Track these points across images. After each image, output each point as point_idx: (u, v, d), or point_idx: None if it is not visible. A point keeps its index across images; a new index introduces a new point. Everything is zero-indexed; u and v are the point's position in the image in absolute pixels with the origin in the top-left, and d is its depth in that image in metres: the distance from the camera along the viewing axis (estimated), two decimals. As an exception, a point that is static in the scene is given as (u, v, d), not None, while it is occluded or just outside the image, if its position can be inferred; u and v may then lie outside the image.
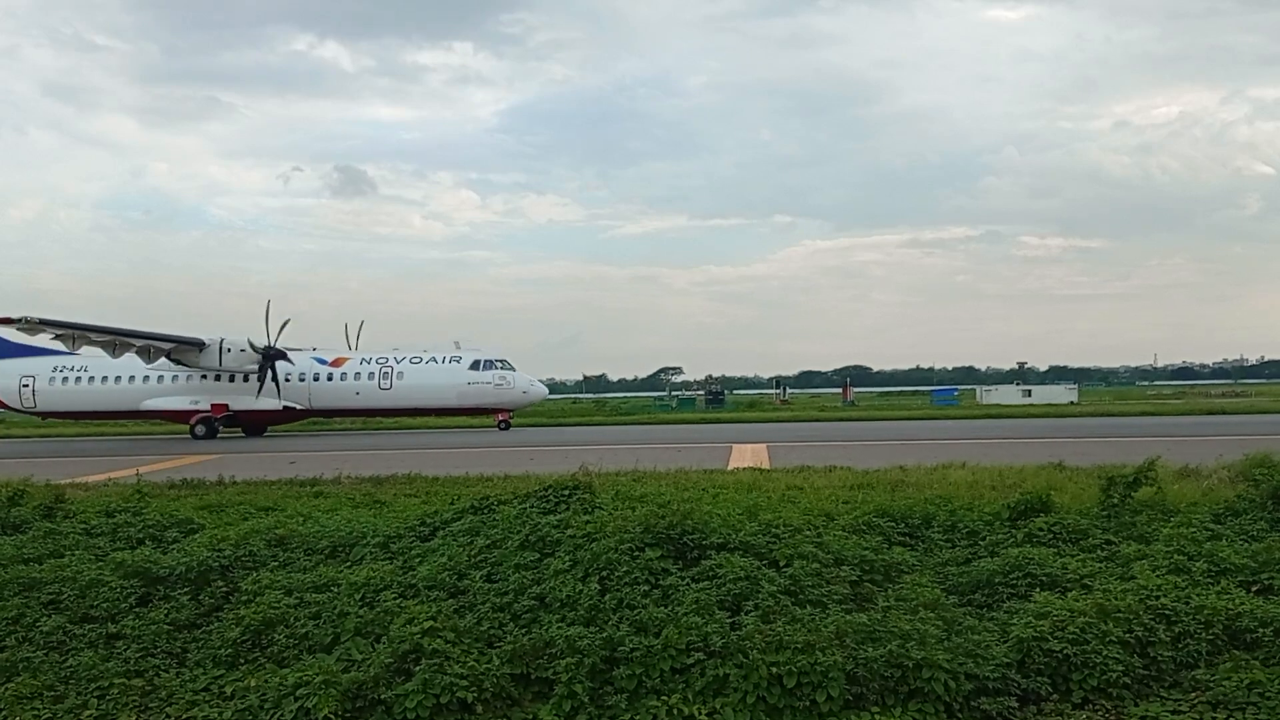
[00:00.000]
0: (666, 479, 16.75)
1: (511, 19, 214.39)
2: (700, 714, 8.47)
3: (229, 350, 40.25)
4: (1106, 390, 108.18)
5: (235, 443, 36.82)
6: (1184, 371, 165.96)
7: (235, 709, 8.84)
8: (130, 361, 42.58)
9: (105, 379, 43.18)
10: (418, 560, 11.20)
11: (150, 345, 40.62)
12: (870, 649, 8.64)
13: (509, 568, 10.51)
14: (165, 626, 10.15)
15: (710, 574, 10.02)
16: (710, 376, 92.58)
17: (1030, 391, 71.34)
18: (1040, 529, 11.66)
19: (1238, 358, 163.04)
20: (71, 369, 43.64)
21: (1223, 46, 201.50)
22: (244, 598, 10.53)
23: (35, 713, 9.12)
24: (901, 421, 42.37)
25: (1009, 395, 70.21)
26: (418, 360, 42.67)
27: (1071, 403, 62.94)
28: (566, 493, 12.49)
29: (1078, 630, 8.83)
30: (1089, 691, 8.57)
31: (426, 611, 9.43)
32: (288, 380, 41.77)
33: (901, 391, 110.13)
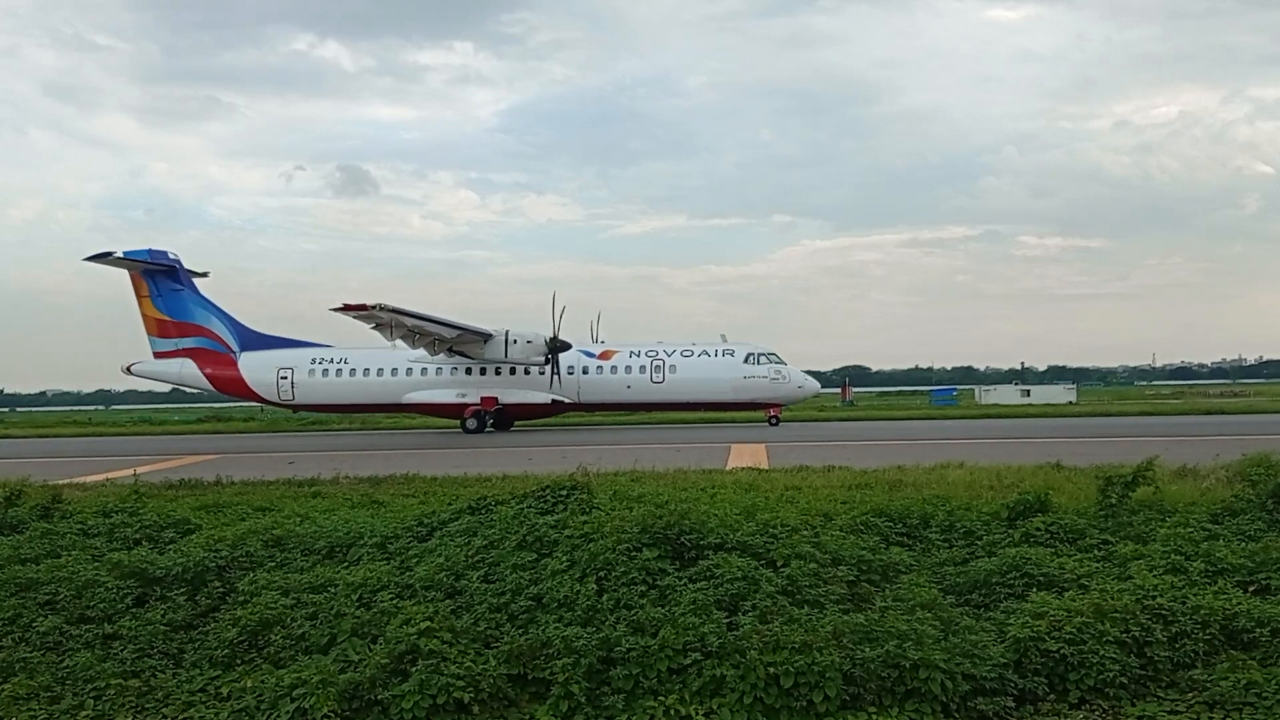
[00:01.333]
0: (664, 479, 16.73)
1: (512, 19, 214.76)
2: (697, 714, 8.47)
3: (515, 342, 38.97)
4: (1105, 390, 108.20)
5: (232, 441, 36.76)
6: (1182, 371, 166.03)
7: (232, 710, 8.84)
8: (391, 354, 41.86)
9: (367, 371, 42.11)
10: (415, 561, 11.19)
11: (440, 336, 39.31)
12: (867, 649, 8.64)
13: (506, 568, 10.51)
14: (162, 627, 10.15)
15: (708, 574, 10.01)
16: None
17: (1029, 391, 71.36)
18: (1038, 529, 11.66)
19: (1236, 358, 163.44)
20: (331, 361, 42.48)
21: (1223, 46, 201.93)
22: (241, 598, 10.52)
23: (32, 713, 9.12)
24: (900, 421, 42.37)
25: (1008, 395, 70.25)
26: (689, 353, 41.52)
27: (1070, 403, 62.94)
28: (564, 493, 12.48)
29: (1075, 630, 8.84)
30: (1086, 691, 8.57)
31: (423, 612, 9.43)
32: (540, 373, 40.59)
33: (900, 391, 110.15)
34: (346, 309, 36.01)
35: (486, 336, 39.22)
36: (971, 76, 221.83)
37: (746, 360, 40.82)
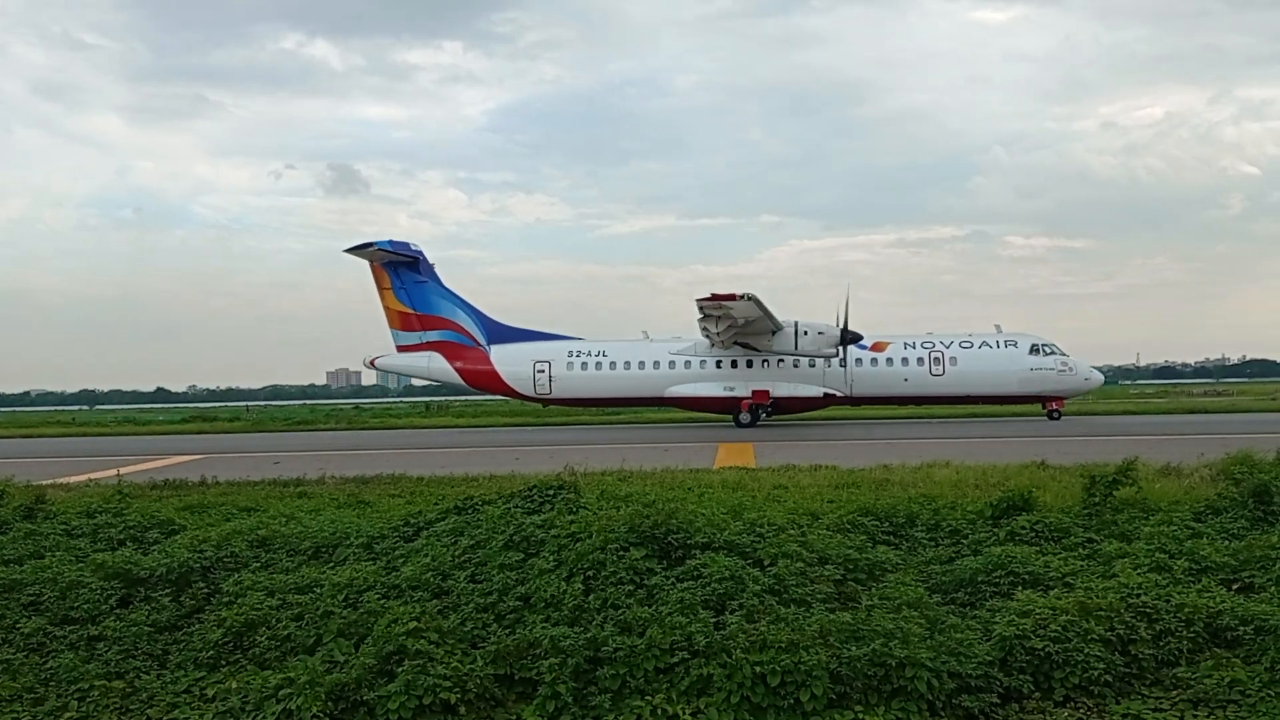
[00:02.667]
0: (652, 478, 16.73)
1: (503, 18, 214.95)
2: (684, 714, 8.47)
3: (805, 333, 37.58)
4: (1093, 390, 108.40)
5: (217, 441, 36.57)
6: (1166, 371, 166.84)
7: (217, 711, 8.80)
8: (650, 346, 41.24)
9: (628, 365, 41.17)
10: (401, 561, 11.16)
11: (761, 330, 38.06)
12: (854, 648, 8.66)
13: (493, 568, 10.49)
14: (146, 628, 10.09)
15: (695, 573, 10.01)
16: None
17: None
18: (1023, 528, 11.71)
19: (1219, 357, 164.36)
20: (589, 354, 41.61)
21: (1212, 46, 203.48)
22: (226, 599, 10.47)
23: (14, 715, 9.06)
24: (886, 421, 42.43)
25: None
26: (968, 344, 40.28)
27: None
28: (551, 492, 12.47)
29: (1060, 628, 8.87)
30: (1071, 689, 8.61)
31: (410, 612, 9.40)
32: (829, 366, 39.32)
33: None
34: (714, 299, 34.83)
35: (776, 328, 37.93)
36: (961, 77, 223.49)
37: (1032, 351, 39.59)
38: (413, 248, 42.68)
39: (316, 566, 11.34)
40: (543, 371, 41.39)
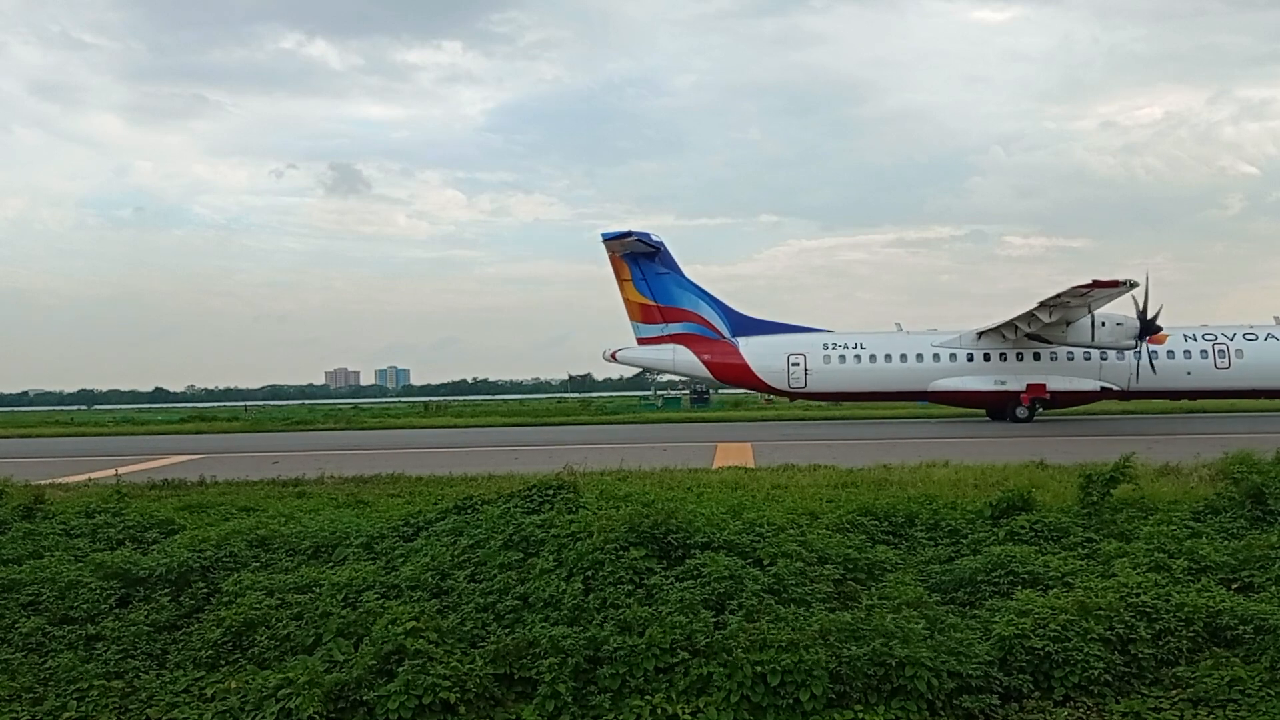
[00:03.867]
0: (651, 478, 16.73)
1: (502, 18, 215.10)
2: (684, 713, 8.47)
3: (1103, 324, 35.76)
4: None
5: (216, 441, 36.54)
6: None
7: (216, 711, 8.78)
8: (909, 338, 40.11)
9: (889, 357, 39.93)
10: (401, 560, 11.15)
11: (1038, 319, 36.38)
12: (854, 647, 8.65)
13: (493, 567, 10.48)
14: (145, 628, 10.08)
15: (694, 573, 10.01)
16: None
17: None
18: (1022, 527, 11.71)
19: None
20: (846, 346, 40.27)
21: (1211, 47, 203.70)
22: (225, 599, 10.45)
23: (14, 714, 9.04)
24: (886, 421, 42.44)
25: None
26: (1252, 337, 38.74)
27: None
28: (551, 492, 12.45)
29: (1059, 628, 8.88)
30: (1070, 689, 8.61)
31: (409, 612, 9.39)
32: (1104, 359, 37.67)
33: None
34: (1097, 285, 33.09)
35: (1069, 320, 36.14)
36: (959, 77, 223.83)
37: None
38: (654, 238, 41.58)
39: (316, 566, 11.32)
40: (797, 364, 40.17)
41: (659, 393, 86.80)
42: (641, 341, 42.31)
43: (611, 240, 41.04)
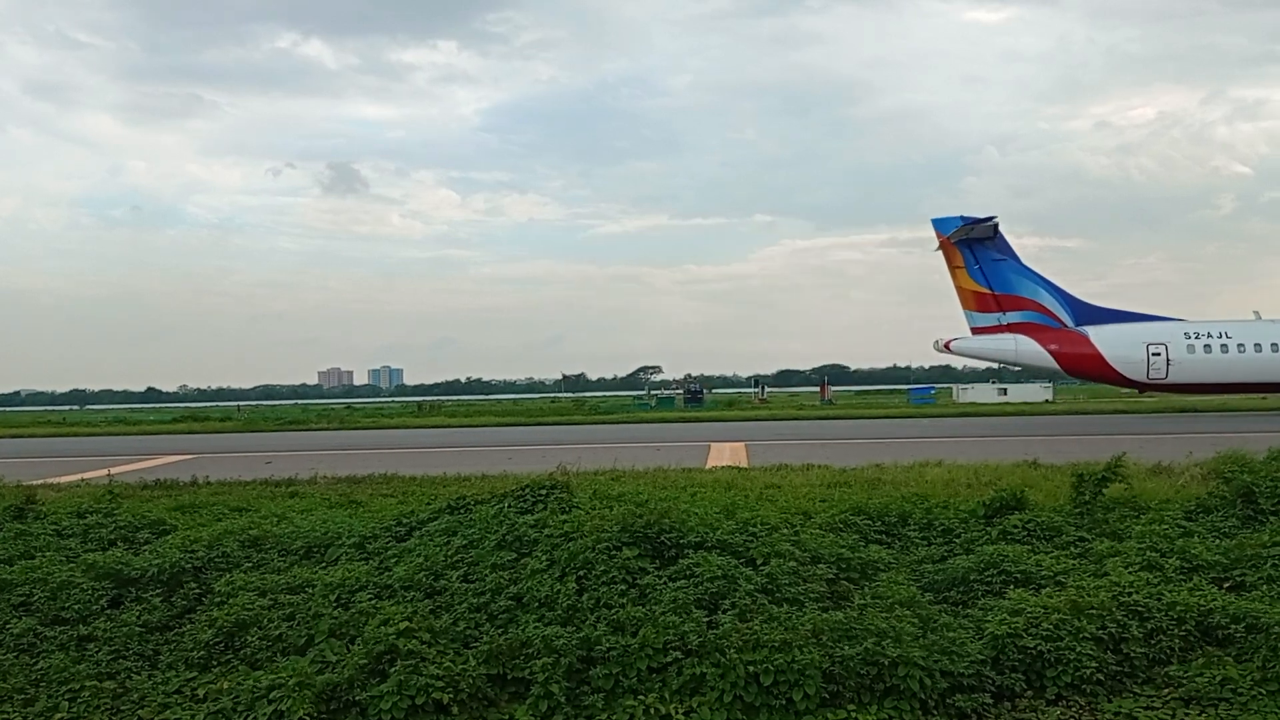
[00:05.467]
0: (644, 478, 16.73)
1: (498, 18, 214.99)
2: (677, 713, 8.47)
3: None
4: (1081, 388, 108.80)
5: (208, 441, 36.44)
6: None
7: (208, 712, 8.75)
8: (1277, 326, 38.03)
9: (1259, 347, 37.95)
10: (394, 561, 11.13)
11: None
12: (847, 647, 8.66)
13: (486, 568, 10.47)
14: (137, 628, 10.04)
15: (687, 573, 10.01)
16: (689, 375, 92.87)
17: (1006, 390, 71.71)
18: (1015, 526, 11.73)
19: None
20: (1210, 336, 38.24)
21: (1205, 47, 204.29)
22: (217, 599, 10.42)
23: (5, 715, 9.01)
24: (879, 420, 42.50)
25: (985, 394, 70.64)
26: None
27: (1047, 401, 63.42)
28: (544, 492, 12.44)
29: (1052, 627, 8.89)
30: (1063, 688, 8.62)
31: (402, 612, 9.38)
32: None
33: (879, 390, 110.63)
34: None
35: None
36: (956, 77, 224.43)
37: None
38: (989, 221, 39.68)
39: (308, 566, 11.30)
40: (1158, 355, 38.22)
41: (653, 392, 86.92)
42: (976, 331, 40.65)
43: (962, 229, 39.02)
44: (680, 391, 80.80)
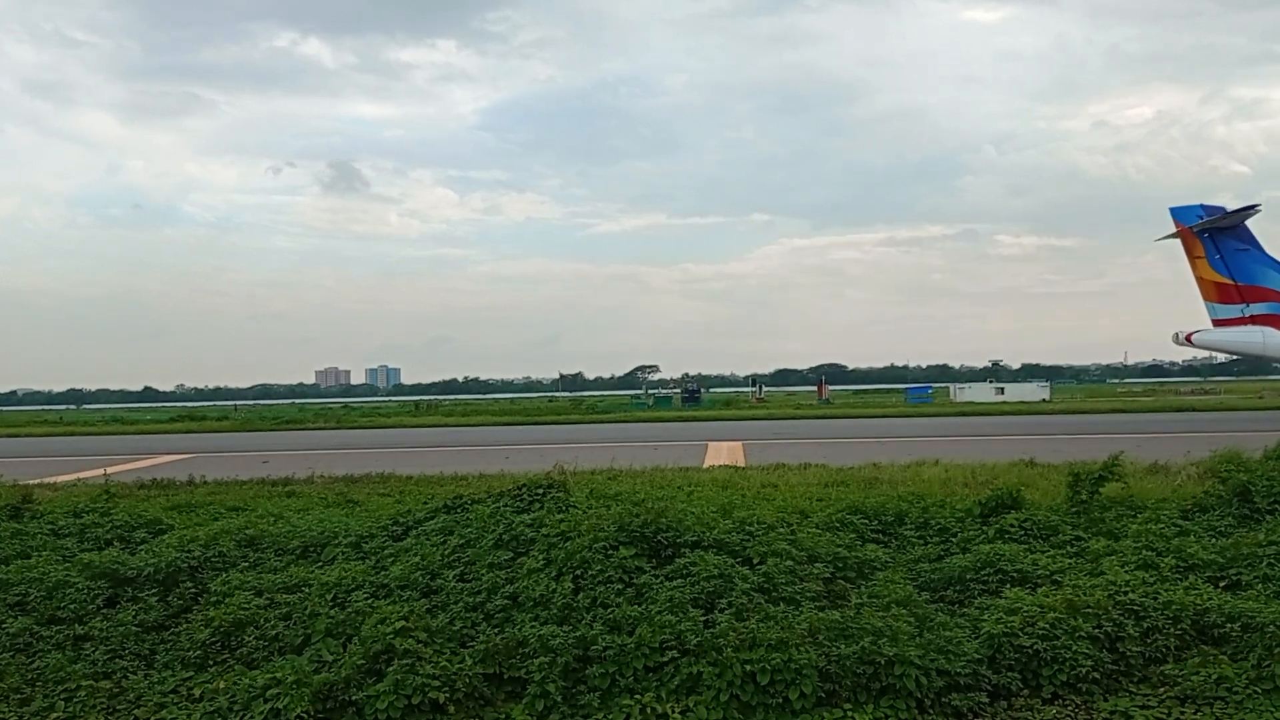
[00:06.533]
0: (641, 477, 16.75)
1: (496, 17, 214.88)
2: (674, 712, 8.47)
3: None
4: (1078, 388, 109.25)
5: (205, 440, 36.40)
6: (1154, 369, 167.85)
7: (204, 711, 8.74)
8: None
9: None
10: (390, 560, 11.13)
11: None
12: (843, 646, 8.66)
13: (482, 567, 10.47)
14: (133, 628, 10.03)
15: (684, 572, 10.00)
16: (686, 375, 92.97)
17: (1003, 389, 71.90)
18: (1011, 525, 11.74)
19: (1207, 356, 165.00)
20: None
21: (1204, 46, 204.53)
22: (213, 599, 10.41)
23: (1, 715, 9.00)
24: (876, 419, 42.54)
25: (982, 393, 70.82)
26: None
27: (1044, 400, 63.57)
28: (540, 491, 12.44)
29: (1048, 626, 8.89)
30: (1059, 687, 8.63)
31: (399, 611, 9.37)
32: None
33: (876, 389, 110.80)
34: None
35: None
36: (953, 76, 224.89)
37: None
38: (1233, 210, 38.60)
39: (305, 566, 11.29)
40: None
41: (650, 392, 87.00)
42: (1218, 323, 39.72)
43: (1191, 215, 38.03)
44: (678, 391, 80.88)
